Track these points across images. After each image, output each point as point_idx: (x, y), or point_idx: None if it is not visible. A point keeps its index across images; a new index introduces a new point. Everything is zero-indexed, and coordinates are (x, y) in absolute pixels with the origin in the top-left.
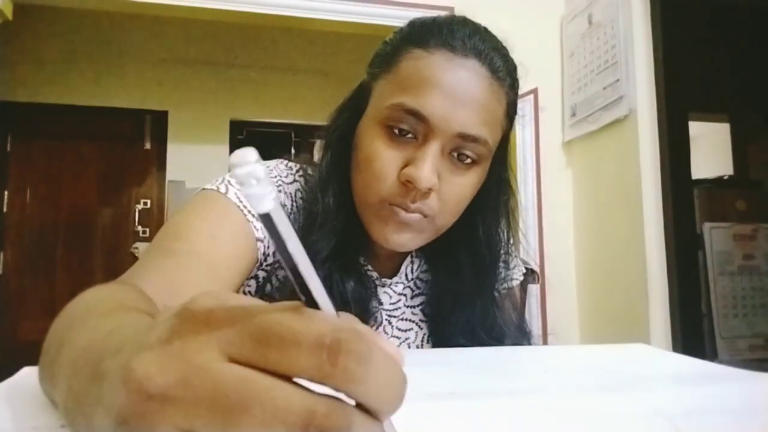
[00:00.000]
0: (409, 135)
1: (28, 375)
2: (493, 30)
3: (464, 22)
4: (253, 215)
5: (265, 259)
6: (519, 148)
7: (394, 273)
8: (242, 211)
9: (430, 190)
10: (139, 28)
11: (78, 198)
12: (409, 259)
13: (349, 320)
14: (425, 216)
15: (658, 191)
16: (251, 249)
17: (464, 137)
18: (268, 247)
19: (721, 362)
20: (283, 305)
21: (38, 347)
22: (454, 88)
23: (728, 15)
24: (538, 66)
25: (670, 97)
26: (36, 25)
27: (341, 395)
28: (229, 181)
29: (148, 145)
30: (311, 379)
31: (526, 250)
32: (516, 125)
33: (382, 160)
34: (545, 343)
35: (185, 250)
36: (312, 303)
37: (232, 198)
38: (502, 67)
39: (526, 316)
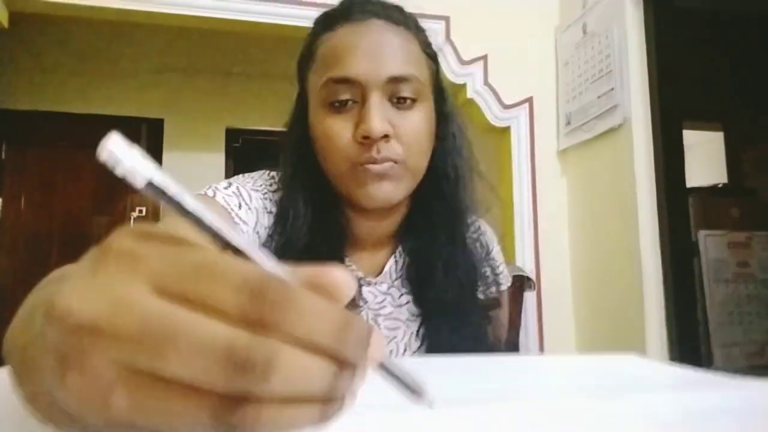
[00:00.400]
0: (350, 102)
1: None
2: (489, 38)
3: (361, 0)
4: (240, 218)
5: None
6: (514, 156)
7: (378, 273)
8: (230, 213)
9: (387, 136)
10: (134, 37)
11: (73, 206)
12: (393, 259)
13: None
14: (396, 162)
15: (652, 199)
16: None
17: (394, 80)
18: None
19: (716, 369)
20: (213, 248)
21: None
22: (366, 47)
23: (722, 24)
24: (533, 75)
25: (664, 106)
26: (31, 33)
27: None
28: (216, 188)
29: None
30: (237, 317)
31: (521, 258)
32: (511, 133)
33: (336, 131)
34: (541, 351)
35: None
36: (237, 254)
37: (220, 201)
38: (399, 16)
39: (521, 323)
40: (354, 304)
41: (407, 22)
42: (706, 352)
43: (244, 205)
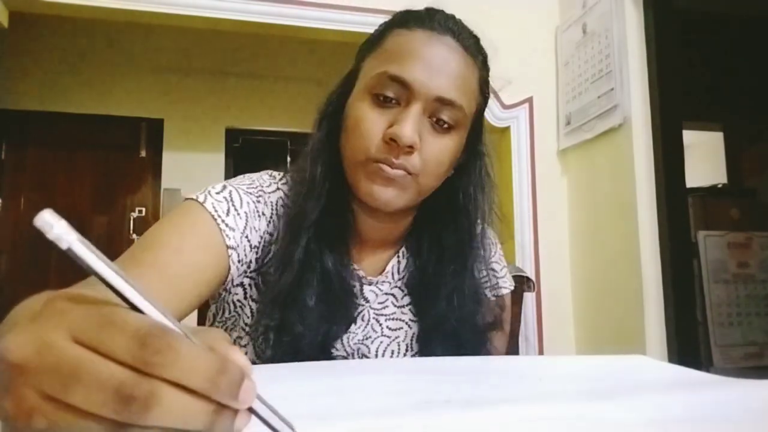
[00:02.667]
0: (393, 101)
1: None
2: (489, 39)
3: (442, 11)
4: (226, 224)
5: (249, 266)
6: (514, 156)
7: (380, 272)
8: (216, 220)
9: (411, 148)
10: (134, 37)
11: (73, 206)
12: (395, 258)
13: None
14: (409, 173)
15: (652, 199)
16: (220, 258)
17: (442, 101)
18: (247, 255)
19: (716, 370)
20: (120, 306)
21: None
22: (432, 59)
23: (722, 24)
24: (533, 75)
25: (664, 106)
26: (31, 33)
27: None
28: (209, 192)
29: (143, 153)
30: (128, 360)
31: (521, 258)
32: (511, 133)
33: (368, 121)
34: (540, 351)
35: (149, 261)
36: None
37: (208, 208)
38: (473, 46)
39: (522, 325)
40: (355, 302)
41: (477, 53)
42: (705, 352)
43: (233, 211)
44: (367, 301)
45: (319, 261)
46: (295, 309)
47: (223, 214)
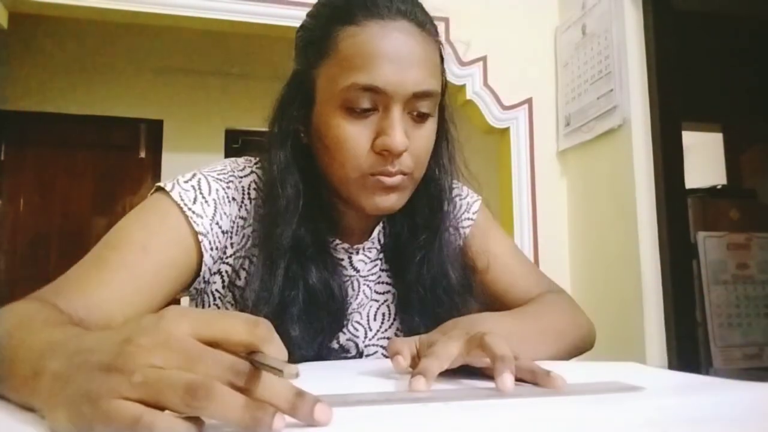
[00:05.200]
0: (370, 110)
1: None
2: (488, 39)
3: None
4: (193, 211)
5: (224, 252)
6: (513, 157)
7: (367, 239)
8: (182, 209)
9: (404, 151)
10: (134, 38)
11: (72, 207)
12: (380, 225)
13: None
14: (405, 174)
15: (651, 200)
16: (190, 249)
17: (418, 95)
18: (220, 240)
19: (716, 371)
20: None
21: None
22: (396, 54)
23: (721, 25)
24: (533, 76)
25: (663, 107)
26: (31, 34)
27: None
28: (177, 180)
29: (142, 154)
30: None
31: None
32: (511, 134)
33: (352, 138)
34: None
35: (115, 261)
36: None
37: (174, 198)
38: (425, 19)
39: None
40: (342, 273)
41: (429, 23)
42: (705, 353)
43: (200, 198)
44: (357, 271)
45: (302, 279)
46: (280, 328)
47: (190, 202)
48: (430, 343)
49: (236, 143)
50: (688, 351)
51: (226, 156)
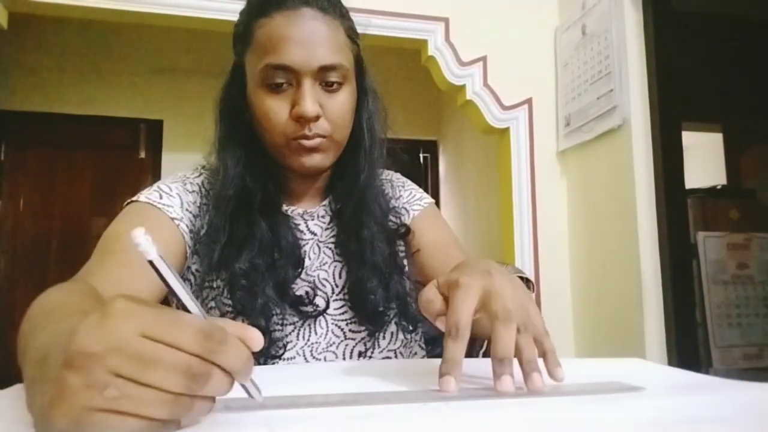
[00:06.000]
0: (285, 85)
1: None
2: (488, 39)
3: None
4: (163, 203)
5: (198, 233)
6: (513, 157)
7: (318, 205)
8: (154, 205)
9: (317, 117)
10: (134, 38)
11: (72, 207)
12: (328, 199)
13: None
14: (324, 137)
15: (651, 200)
16: (175, 233)
17: (324, 68)
18: (193, 223)
19: (715, 371)
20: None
21: None
22: (300, 36)
23: (721, 25)
24: (533, 76)
25: (663, 107)
26: (31, 34)
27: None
28: (140, 193)
29: (142, 155)
30: (196, 352)
31: (520, 259)
32: (510, 134)
33: (272, 110)
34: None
35: (121, 248)
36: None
37: (143, 200)
38: (327, 3)
39: None
40: (302, 236)
41: (334, 9)
42: (704, 353)
43: (165, 195)
44: (315, 234)
45: (248, 227)
46: (234, 270)
47: (158, 198)
48: (449, 285)
49: None
50: (687, 351)
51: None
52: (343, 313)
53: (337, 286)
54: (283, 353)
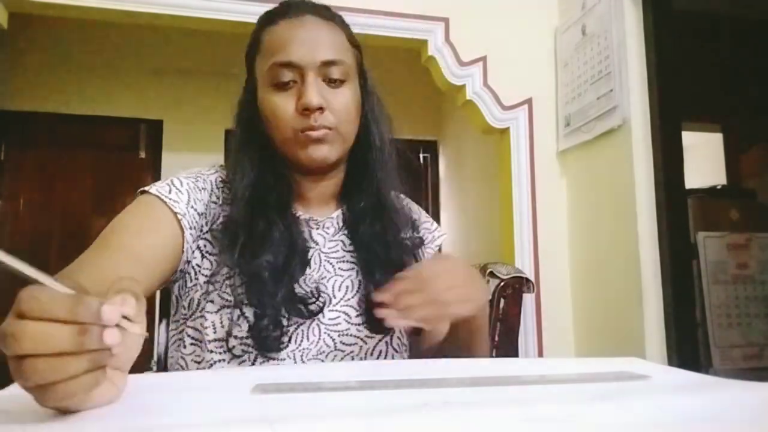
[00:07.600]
0: (291, 82)
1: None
2: (488, 39)
3: (298, 1)
4: (170, 198)
5: (201, 230)
6: (513, 157)
7: (326, 215)
8: (161, 199)
9: (322, 108)
10: (134, 38)
11: (72, 207)
12: (339, 210)
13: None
14: (329, 129)
15: (651, 200)
16: (175, 229)
17: (326, 63)
18: (196, 221)
19: (715, 371)
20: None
21: None
22: (304, 36)
23: (721, 25)
24: (533, 76)
25: (663, 107)
26: (31, 34)
27: None
28: (153, 184)
29: (142, 154)
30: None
31: (520, 259)
32: (510, 134)
33: (280, 106)
34: (540, 352)
35: (116, 244)
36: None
37: (153, 192)
38: (329, 14)
39: (521, 326)
40: (305, 245)
41: (335, 18)
42: (704, 353)
43: (175, 189)
44: (317, 244)
45: (267, 225)
46: (258, 264)
47: (167, 193)
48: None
49: None
50: (687, 351)
51: (226, 156)
52: (336, 324)
53: (334, 297)
54: (276, 353)
